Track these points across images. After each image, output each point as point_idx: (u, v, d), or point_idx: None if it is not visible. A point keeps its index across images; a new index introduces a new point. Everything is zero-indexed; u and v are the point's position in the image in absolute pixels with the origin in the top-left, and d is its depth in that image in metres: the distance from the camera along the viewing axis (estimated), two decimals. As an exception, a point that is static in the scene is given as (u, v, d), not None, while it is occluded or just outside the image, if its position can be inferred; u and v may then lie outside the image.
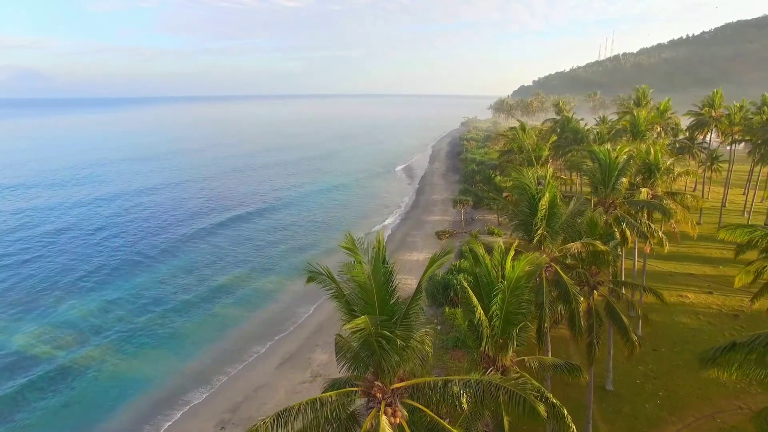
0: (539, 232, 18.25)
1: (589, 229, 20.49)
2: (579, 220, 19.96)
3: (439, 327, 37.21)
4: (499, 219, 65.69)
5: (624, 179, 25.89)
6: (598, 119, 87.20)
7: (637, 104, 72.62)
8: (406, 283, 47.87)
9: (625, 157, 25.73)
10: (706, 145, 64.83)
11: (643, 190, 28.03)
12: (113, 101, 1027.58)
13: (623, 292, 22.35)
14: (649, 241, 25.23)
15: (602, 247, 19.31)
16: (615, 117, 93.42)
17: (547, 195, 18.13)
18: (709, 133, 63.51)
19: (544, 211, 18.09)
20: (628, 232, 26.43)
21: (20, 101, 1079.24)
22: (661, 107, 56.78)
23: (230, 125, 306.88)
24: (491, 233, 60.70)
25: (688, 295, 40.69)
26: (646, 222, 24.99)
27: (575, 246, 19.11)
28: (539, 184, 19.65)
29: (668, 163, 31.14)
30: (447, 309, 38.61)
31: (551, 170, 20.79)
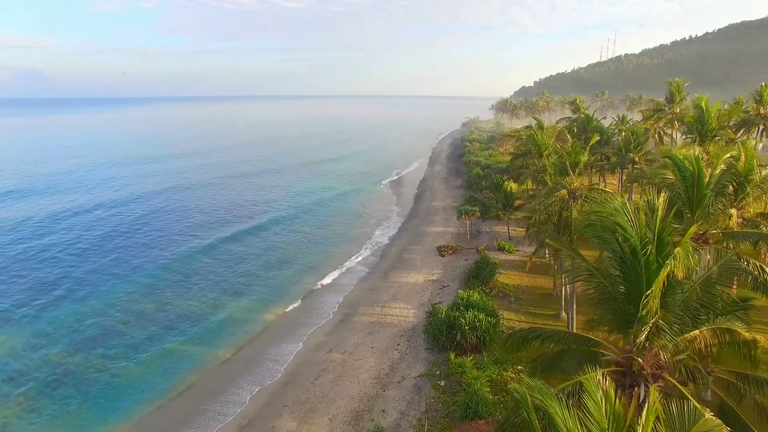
0: (650, 322, 9.86)
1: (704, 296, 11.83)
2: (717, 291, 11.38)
3: (442, 382, 28.83)
4: (510, 232, 57.38)
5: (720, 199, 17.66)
6: (617, 118, 79.75)
7: (670, 100, 64.33)
8: (402, 314, 39.54)
9: (722, 166, 17.50)
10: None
11: (732, 211, 19.59)
12: (114, 101, 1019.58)
13: (749, 388, 14.13)
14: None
15: (746, 335, 11.17)
16: (628, 116, 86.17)
17: (671, 262, 9.28)
18: (756, 133, 55.17)
19: (659, 286, 9.54)
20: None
21: (20, 101, 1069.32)
22: (703, 103, 48.55)
23: (229, 126, 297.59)
24: (501, 249, 52.37)
25: (758, 338, 32.09)
26: (761, 265, 16.66)
27: (701, 336, 10.84)
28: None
29: (765, 173, 22.65)
30: (452, 356, 30.30)
31: (664, 196, 11.73)
